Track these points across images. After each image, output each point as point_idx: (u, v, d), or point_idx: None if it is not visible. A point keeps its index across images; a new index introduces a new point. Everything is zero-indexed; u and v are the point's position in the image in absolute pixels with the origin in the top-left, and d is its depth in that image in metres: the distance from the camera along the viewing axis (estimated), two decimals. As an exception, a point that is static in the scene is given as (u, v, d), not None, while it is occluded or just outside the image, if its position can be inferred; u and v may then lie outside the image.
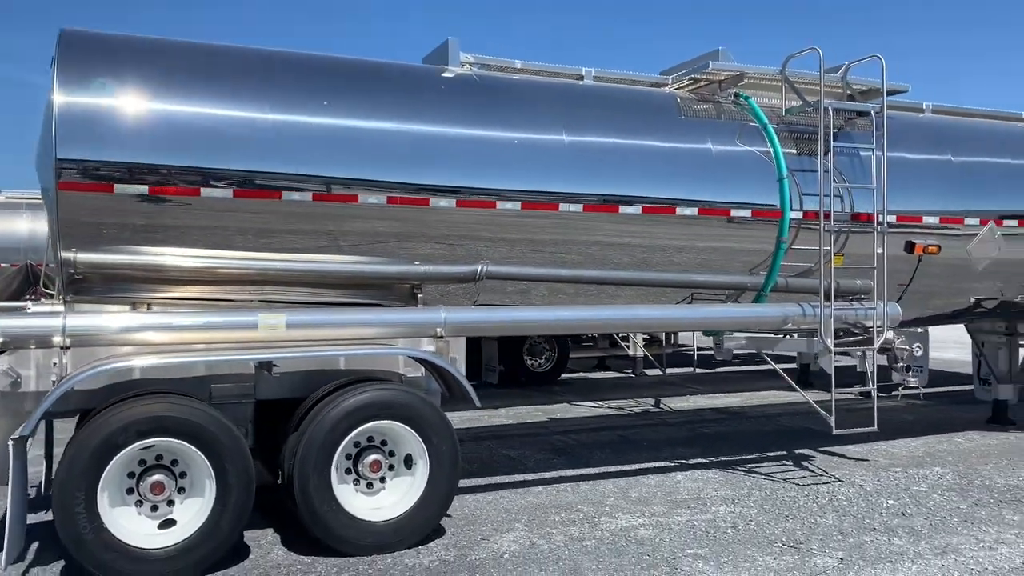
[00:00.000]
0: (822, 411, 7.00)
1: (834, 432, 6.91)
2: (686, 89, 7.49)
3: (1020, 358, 9.76)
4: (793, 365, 12.77)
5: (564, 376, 14.94)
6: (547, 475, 7.46)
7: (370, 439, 5.50)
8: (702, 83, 7.41)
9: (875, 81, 7.62)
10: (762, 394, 12.42)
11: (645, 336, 15.03)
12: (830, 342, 6.82)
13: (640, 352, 14.98)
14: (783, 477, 7.35)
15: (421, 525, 5.49)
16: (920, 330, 11.69)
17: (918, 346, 7.48)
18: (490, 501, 6.60)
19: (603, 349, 15.64)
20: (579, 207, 6.33)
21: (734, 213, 6.75)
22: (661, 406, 11.61)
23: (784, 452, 8.39)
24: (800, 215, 6.94)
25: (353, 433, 5.33)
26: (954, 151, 7.78)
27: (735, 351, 7.41)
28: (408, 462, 5.56)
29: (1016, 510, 6.30)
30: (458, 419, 10.27)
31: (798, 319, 6.91)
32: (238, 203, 5.50)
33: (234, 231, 5.59)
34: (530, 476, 7.42)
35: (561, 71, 7.13)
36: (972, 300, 8.70)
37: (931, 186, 7.62)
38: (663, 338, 15.17)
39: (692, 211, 6.61)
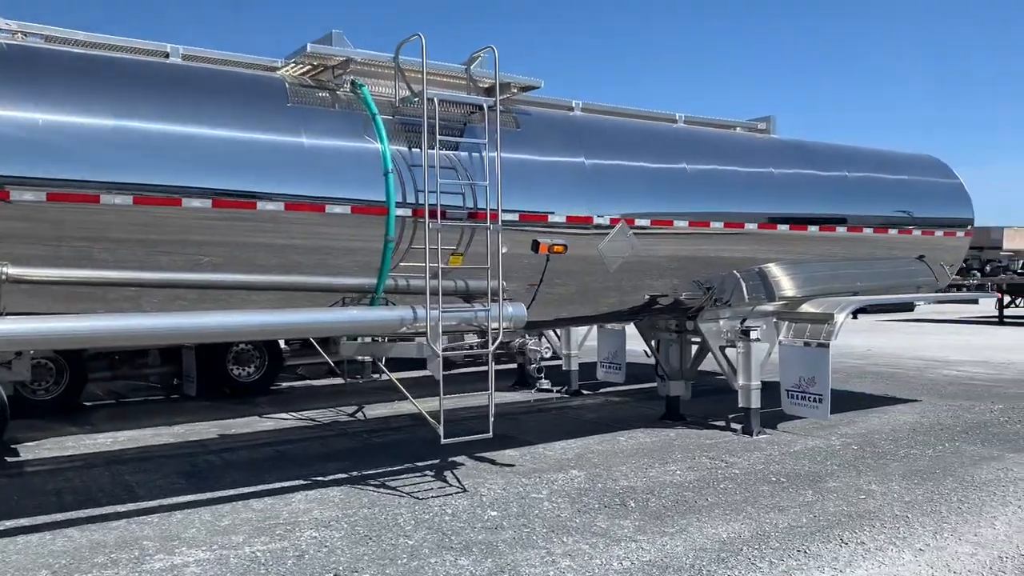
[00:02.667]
0: (431, 419, 6.59)
1: (443, 441, 6.52)
2: (304, 75, 6.88)
3: (691, 355, 9.92)
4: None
5: (286, 385, 14.14)
6: (147, 504, 6.63)
7: None
8: (319, 68, 6.82)
9: (514, 76, 7.35)
10: (478, 396, 12.12)
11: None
12: (438, 346, 6.41)
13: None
14: (410, 490, 6.91)
15: None
16: (619, 327, 11.96)
17: (547, 347, 7.25)
18: (35, 544, 5.69)
19: (335, 354, 14.89)
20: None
21: (331, 209, 6.19)
22: (358, 415, 11.00)
23: (438, 460, 7.99)
24: (410, 212, 6.48)
25: None
26: (588, 152, 7.64)
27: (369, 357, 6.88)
28: None
29: (611, 516, 6.13)
30: (106, 440, 9.23)
31: (412, 322, 6.46)
32: None
33: None
34: (123, 508, 6.56)
35: (145, 47, 6.31)
36: (647, 298, 8.70)
37: (561, 185, 7.42)
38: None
39: (278, 206, 5.99)
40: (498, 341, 6.69)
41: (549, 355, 7.23)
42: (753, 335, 8.90)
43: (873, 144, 11.39)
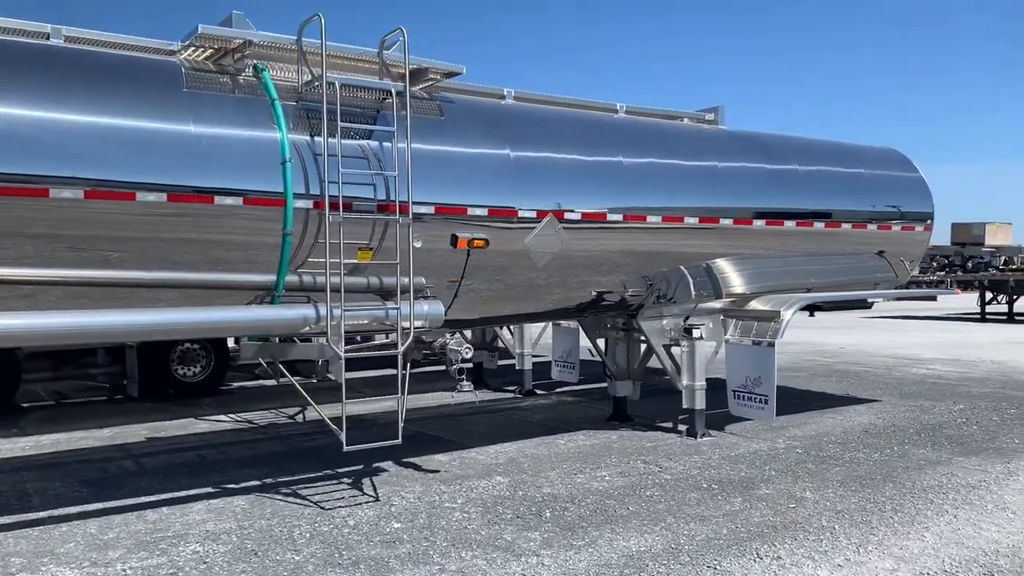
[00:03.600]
0: (332, 425, 6.20)
1: (344, 448, 6.14)
2: (207, 59, 6.48)
3: (639, 354, 9.56)
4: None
5: (237, 385, 13.74)
6: (35, 515, 6.24)
7: None
8: (221, 52, 6.43)
9: (434, 61, 6.98)
10: (438, 395, 11.76)
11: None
12: (340, 348, 6.03)
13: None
14: (320, 499, 6.53)
15: None
16: (572, 325, 11.59)
17: (468, 347, 6.87)
18: (-98, 559, 5.30)
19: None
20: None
21: (221, 201, 5.80)
22: (297, 417, 10.63)
23: (361, 466, 7.62)
24: (312, 204, 6.09)
25: None
26: (515, 143, 7.26)
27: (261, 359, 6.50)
28: None
29: (521, 527, 5.76)
30: (28, 443, 8.83)
31: (315, 322, 6.08)
32: None
33: None
34: (7, 519, 6.17)
35: (23, 27, 5.91)
36: (592, 294, 8.34)
37: (483, 177, 7.03)
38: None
39: (160, 197, 5.59)
40: (408, 341, 6.31)
41: (470, 355, 6.81)
42: (696, 333, 8.53)
43: (853, 139, 10.95)
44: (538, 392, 12.03)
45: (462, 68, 7.02)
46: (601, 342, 9.89)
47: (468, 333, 12.38)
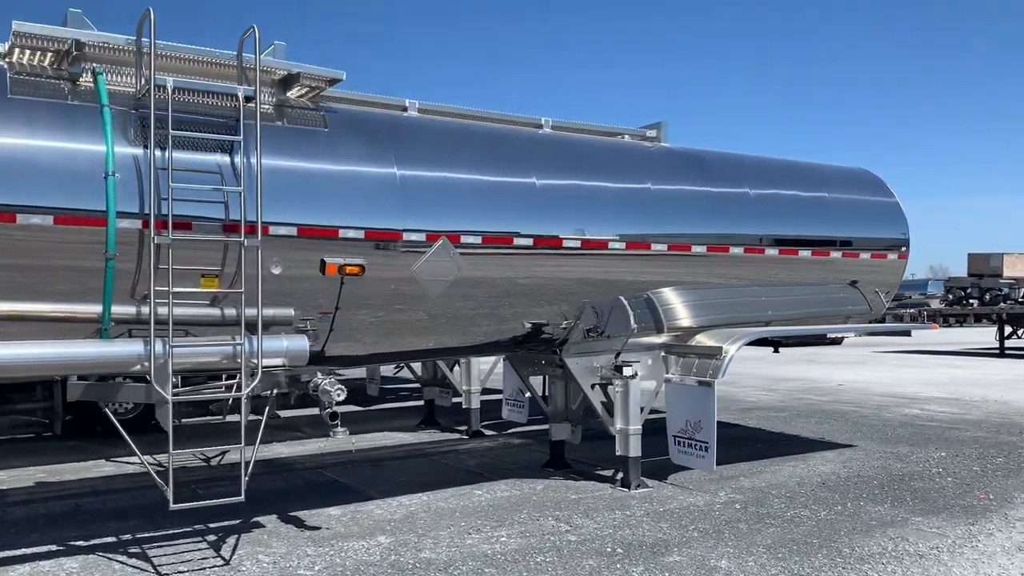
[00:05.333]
0: (159, 480, 5.39)
1: (171, 507, 5.32)
2: (44, 63, 5.80)
3: (580, 395, 8.66)
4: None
5: (187, 421, 12.99)
6: None
7: None
8: (60, 56, 5.74)
9: (311, 67, 6.26)
10: (376, 436, 10.99)
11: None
12: (167, 390, 5.24)
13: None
14: (165, 562, 5.72)
15: None
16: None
17: (340, 390, 6.05)
18: None
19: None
20: None
21: (24, 220, 5.07)
22: (215, 460, 9.83)
23: (238, 521, 6.80)
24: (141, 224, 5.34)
25: None
26: (404, 160, 6.48)
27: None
28: None
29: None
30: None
31: (147, 359, 5.30)
32: None
33: None
34: None
35: None
36: (528, 326, 7.53)
37: (363, 196, 6.26)
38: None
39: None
40: (255, 383, 5.51)
41: (342, 397, 5.99)
42: (628, 371, 7.64)
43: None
44: (486, 433, 11.15)
45: (342, 74, 6.29)
46: (538, 380, 9.03)
47: (392, 368, 11.56)
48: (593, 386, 7.92)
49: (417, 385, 13.18)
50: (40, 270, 5.26)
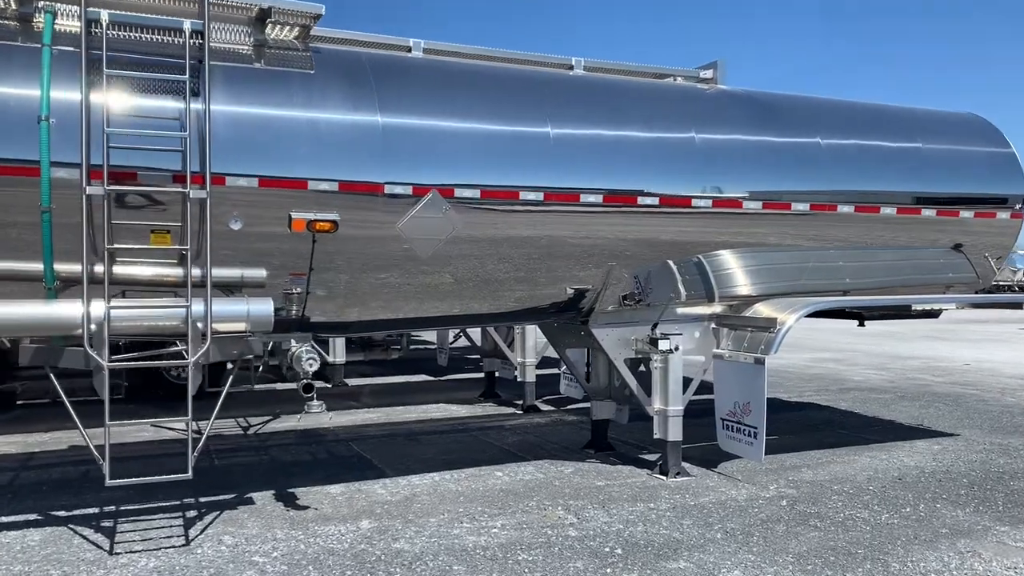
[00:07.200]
0: (97, 454, 4.94)
1: (107, 483, 4.89)
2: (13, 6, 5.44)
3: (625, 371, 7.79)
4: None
5: (233, 390, 12.86)
6: None
7: None
8: (23, -3, 5.36)
9: (296, 2, 5.67)
10: (431, 407, 10.54)
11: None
12: (103, 355, 4.79)
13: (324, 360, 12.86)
14: (123, 539, 5.33)
15: None
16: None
17: (312, 359, 5.47)
18: None
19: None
20: None
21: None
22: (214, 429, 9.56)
23: (233, 495, 6.40)
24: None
25: None
26: (390, 106, 5.78)
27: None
28: None
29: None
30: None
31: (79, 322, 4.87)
32: None
33: None
34: None
35: None
36: (571, 292, 6.81)
37: (339, 144, 5.59)
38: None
39: None
40: (204, 349, 4.99)
41: (313, 368, 5.42)
42: (665, 345, 6.72)
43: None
44: (541, 408, 10.42)
45: (320, 7, 5.65)
46: (580, 353, 8.22)
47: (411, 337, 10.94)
48: (627, 361, 7.04)
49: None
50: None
